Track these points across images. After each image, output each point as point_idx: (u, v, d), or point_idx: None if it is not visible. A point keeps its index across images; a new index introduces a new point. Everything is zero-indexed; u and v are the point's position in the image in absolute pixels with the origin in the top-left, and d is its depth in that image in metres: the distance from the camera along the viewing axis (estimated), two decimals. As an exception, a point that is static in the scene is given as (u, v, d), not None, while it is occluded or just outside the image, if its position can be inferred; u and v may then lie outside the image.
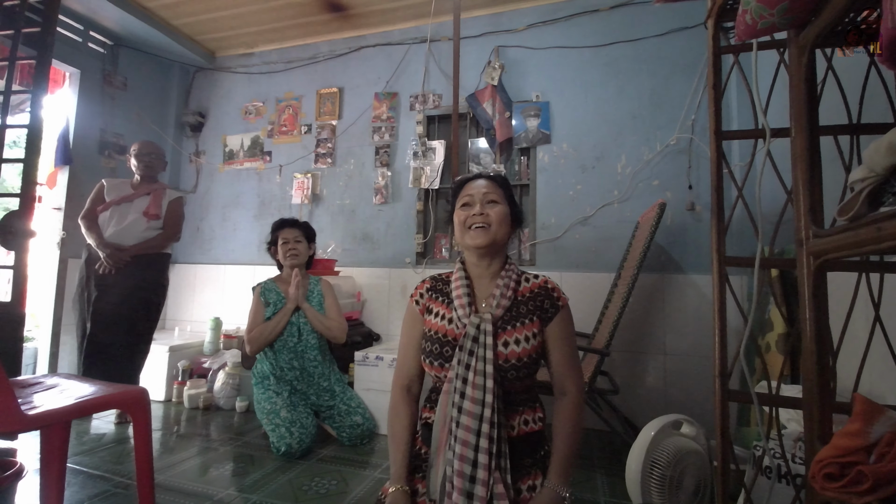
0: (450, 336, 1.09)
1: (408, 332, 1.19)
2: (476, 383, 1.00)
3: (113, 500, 1.62)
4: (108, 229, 2.46)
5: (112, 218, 2.48)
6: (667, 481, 1.43)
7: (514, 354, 1.04)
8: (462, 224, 1.14)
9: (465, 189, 1.18)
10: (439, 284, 1.20)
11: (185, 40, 3.50)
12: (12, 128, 1.87)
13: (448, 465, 0.97)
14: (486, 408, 0.98)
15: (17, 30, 1.84)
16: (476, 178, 1.20)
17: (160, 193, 2.60)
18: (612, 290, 2.37)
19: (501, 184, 1.19)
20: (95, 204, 2.52)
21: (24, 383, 1.33)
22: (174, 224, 2.63)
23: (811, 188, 0.91)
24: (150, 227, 2.53)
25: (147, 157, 2.59)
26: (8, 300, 1.73)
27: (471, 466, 0.95)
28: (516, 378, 1.05)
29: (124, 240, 2.46)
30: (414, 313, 1.19)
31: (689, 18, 2.64)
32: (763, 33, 0.91)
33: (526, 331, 1.08)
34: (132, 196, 2.54)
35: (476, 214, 1.12)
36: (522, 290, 1.14)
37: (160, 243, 2.57)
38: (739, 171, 2.42)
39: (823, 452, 0.68)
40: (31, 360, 3.02)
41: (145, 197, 2.55)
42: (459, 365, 1.03)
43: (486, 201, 1.13)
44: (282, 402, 2.16)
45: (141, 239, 2.50)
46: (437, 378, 1.12)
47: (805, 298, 0.88)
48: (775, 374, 1.65)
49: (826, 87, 1.02)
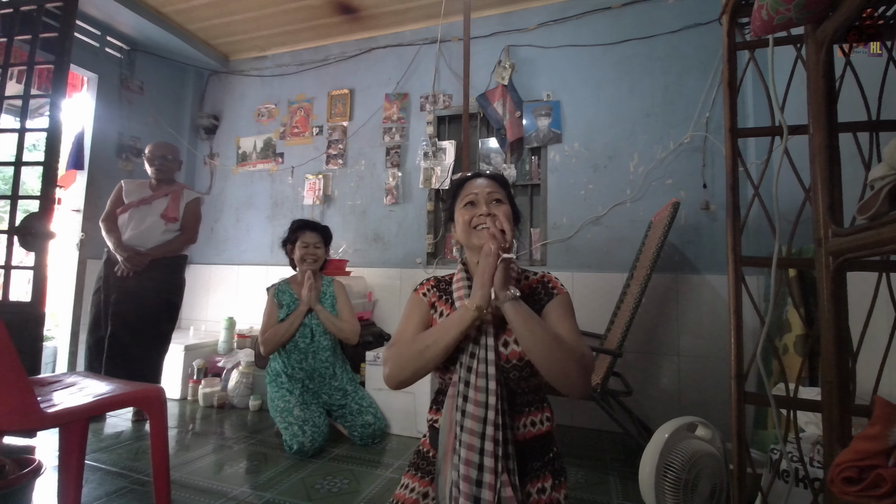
0: None
1: (410, 314, 1.14)
2: (478, 385, 0.98)
3: (130, 496, 1.65)
4: (127, 232, 2.47)
5: (131, 220, 2.49)
6: (681, 484, 1.41)
7: (514, 354, 1.03)
8: (467, 224, 1.12)
9: (466, 188, 1.17)
10: (442, 284, 1.20)
11: (199, 44, 3.55)
12: (32, 131, 1.92)
13: (455, 470, 0.95)
14: (490, 410, 0.96)
15: (36, 35, 1.89)
16: (476, 177, 1.18)
17: (178, 195, 2.61)
18: (625, 291, 2.34)
19: (503, 183, 1.18)
20: (115, 206, 2.54)
21: (44, 381, 1.36)
22: (192, 227, 2.65)
23: (830, 186, 0.89)
24: (168, 229, 2.54)
25: (160, 160, 2.60)
26: (28, 300, 1.77)
27: (476, 470, 0.93)
28: (520, 378, 1.03)
29: (144, 242, 2.47)
30: (419, 301, 1.17)
31: (703, 14, 2.61)
32: (779, 29, 0.90)
33: None
34: (151, 198, 2.55)
35: (483, 214, 1.10)
36: (522, 287, 1.12)
37: (178, 247, 2.59)
38: (755, 170, 2.38)
39: (842, 456, 0.67)
40: (50, 358, 3.09)
41: (164, 199, 2.56)
42: (461, 367, 1.01)
43: (491, 201, 1.12)
44: (295, 400, 2.18)
45: (160, 241, 2.51)
46: (441, 380, 1.10)
47: (824, 299, 0.86)
48: (793, 376, 1.61)
49: (844, 82, 0.99)
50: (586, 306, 2.57)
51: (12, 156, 1.88)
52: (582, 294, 2.65)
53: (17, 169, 1.88)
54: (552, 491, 1.02)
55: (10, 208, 1.83)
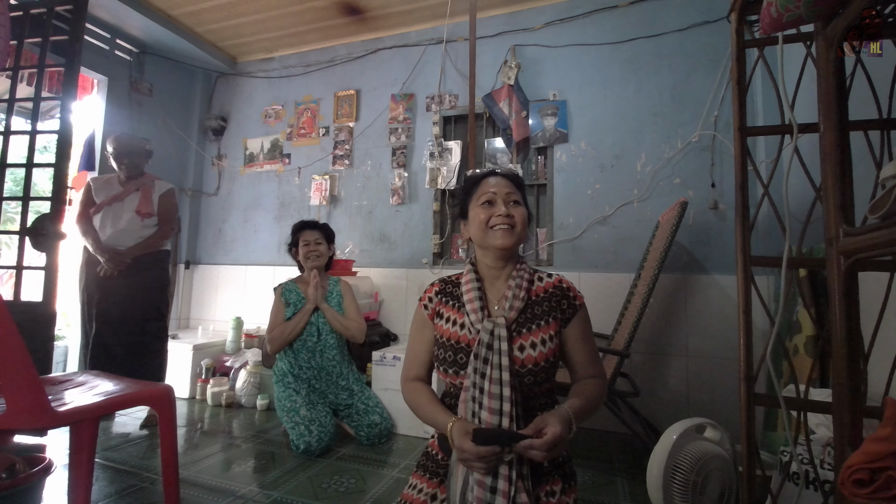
0: (463, 342, 1.06)
1: (416, 335, 1.17)
2: (492, 392, 0.96)
3: (139, 494, 1.66)
4: (105, 232, 2.37)
5: (106, 219, 2.38)
6: (689, 486, 1.39)
7: (530, 359, 1.01)
8: (483, 223, 1.09)
9: (483, 185, 1.14)
10: (449, 287, 1.17)
11: (207, 47, 3.58)
12: (42, 133, 1.94)
13: (468, 476, 0.94)
14: (504, 417, 0.95)
15: (46, 38, 1.91)
16: (492, 175, 1.16)
17: (149, 188, 2.48)
18: (632, 291, 2.33)
19: (519, 184, 1.16)
20: (87, 207, 2.42)
21: (55, 380, 1.38)
22: (169, 220, 2.53)
23: (841, 185, 0.88)
24: (145, 224, 2.43)
25: (126, 158, 2.44)
26: (40, 300, 1.80)
27: (491, 477, 0.92)
28: (534, 383, 1.02)
29: (123, 241, 2.38)
30: (422, 318, 1.16)
31: (711, 12, 2.59)
32: (789, 26, 0.89)
33: (542, 333, 1.04)
34: (122, 195, 2.41)
35: (502, 215, 1.08)
36: (536, 289, 1.11)
37: (157, 241, 2.48)
38: (765, 168, 2.35)
39: (853, 458, 0.66)
40: (61, 357, 3.13)
41: (135, 193, 2.44)
42: (475, 373, 0.99)
43: (509, 201, 1.10)
44: (301, 400, 2.19)
45: (139, 239, 2.41)
46: (452, 385, 1.09)
47: (835, 299, 0.85)
48: (804, 377, 1.59)
49: (855, 80, 0.98)
50: (593, 307, 2.53)
51: (23, 158, 1.91)
52: (589, 294, 2.63)
53: (28, 171, 1.91)
54: (562, 495, 1.00)
55: (22, 209, 1.85)
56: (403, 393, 1.15)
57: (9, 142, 1.95)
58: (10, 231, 2.07)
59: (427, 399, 1.09)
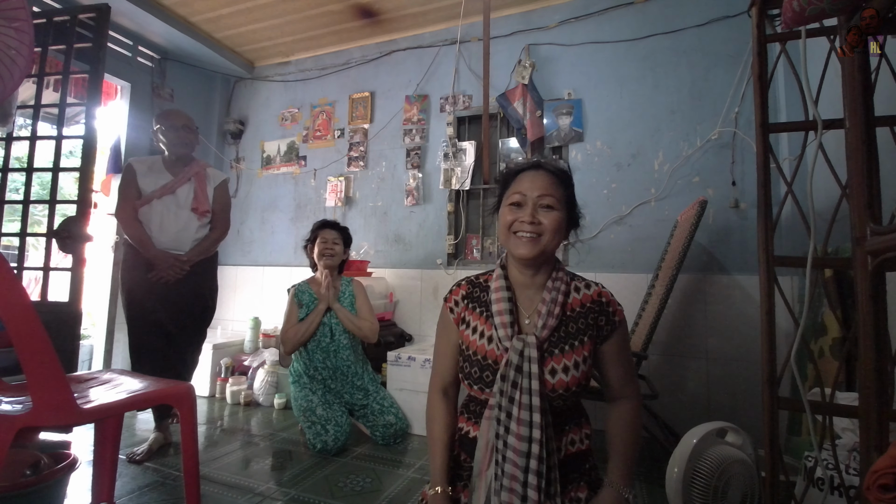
0: (490, 358, 0.98)
1: (442, 338, 1.09)
2: (521, 418, 0.90)
3: (161, 490, 1.70)
4: (157, 231, 2.06)
5: (157, 216, 2.06)
6: (710, 491, 1.37)
7: (562, 384, 0.93)
8: (507, 227, 0.99)
9: (518, 182, 1.00)
10: (476, 291, 1.06)
11: (226, 52, 3.65)
12: (68, 138, 2.00)
13: (495, 496, 0.90)
14: (534, 443, 0.89)
15: (70, 45, 1.97)
16: (533, 168, 1.01)
17: (203, 177, 2.17)
18: (650, 292, 2.29)
19: (563, 180, 1.01)
20: (130, 195, 2.07)
21: (80, 378, 1.42)
22: (226, 218, 2.25)
23: (868, 182, 0.85)
24: (202, 224, 2.16)
25: (184, 131, 2.11)
26: (66, 300, 1.85)
27: (520, 501, 0.88)
28: (564, 406, 0.97)
29: (180, 245, 2.10)
30: (448, 321, 1.08)
31: (730, 7, 2.53)
32: (812, 20, 0.87)
33: (576, 355, 0.95)
34: (173, 185, 2.09)
35: (526, 221, 0.96)
36: (572, 302, 1.00)
37: (215, 245, 2.23)
38: (788, 166, 2.30)
39: (880, 463, 0.64)
40: (87, 356, 3.22)
41: (188, 185, 2.13)
42: (502, 396, 0.92)
43: (540, 205, 0.97)
44: (317, 399, 2.21)
45: (195, 240, 2.14)
46: (478, 397, 1.03)
47: (862, 300, 0.83)
48: (829, 380, 1.55)
49: (880, 75, 0.95)
50: (610, 307, 2.52)
51: (50, 162, 1.97)
52: (605, 295, 2.61)
53: (54, 174, 1.97)
54: (587, 502, 0.97)
55: (49, 212, 1.91)
56: (427, 404, 1.12)
57: (35, 147, 2.01)
58: (37, 233, 2.12)
59: (437, 434, 1.06)
